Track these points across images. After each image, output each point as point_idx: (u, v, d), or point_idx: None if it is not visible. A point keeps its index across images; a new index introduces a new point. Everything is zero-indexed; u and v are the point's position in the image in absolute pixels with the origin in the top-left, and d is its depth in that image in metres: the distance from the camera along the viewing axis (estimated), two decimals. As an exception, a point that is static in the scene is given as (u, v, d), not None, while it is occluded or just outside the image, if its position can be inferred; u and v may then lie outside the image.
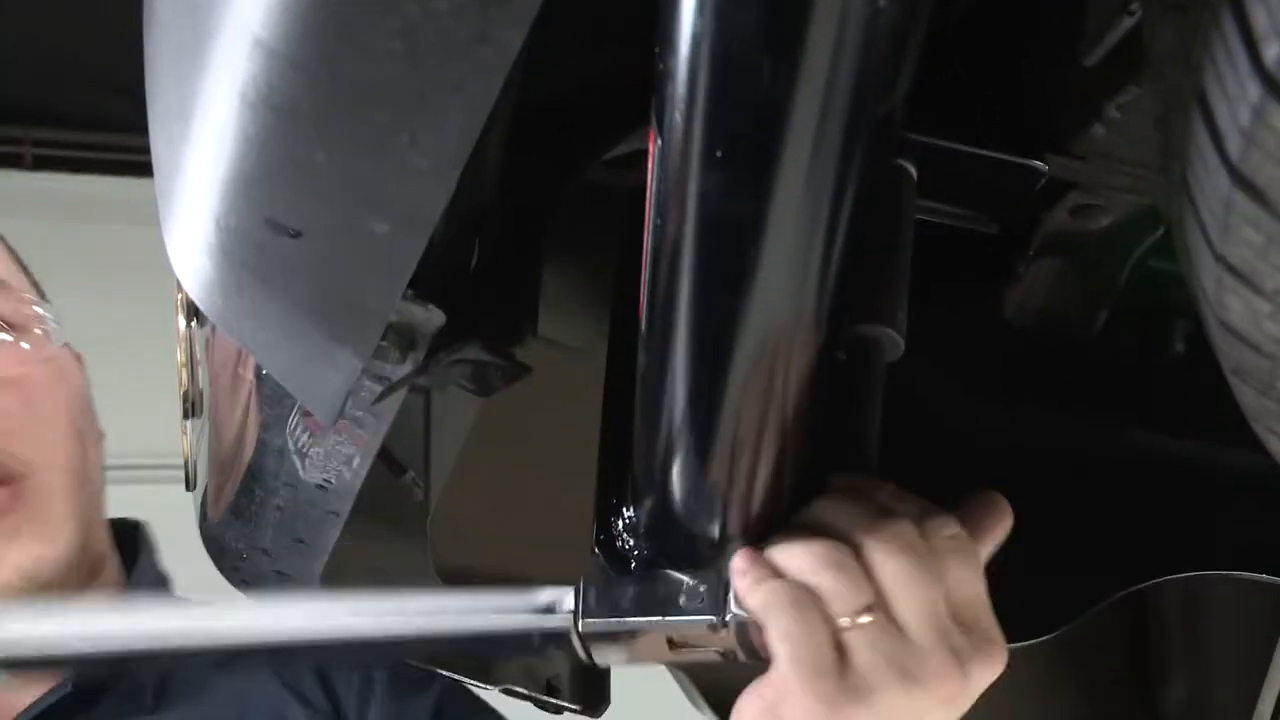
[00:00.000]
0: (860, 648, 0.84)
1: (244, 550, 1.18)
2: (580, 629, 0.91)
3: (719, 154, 0.66)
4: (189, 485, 1.27)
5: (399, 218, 0.72)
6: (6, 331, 1.35)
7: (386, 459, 1.12)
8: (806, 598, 0.85)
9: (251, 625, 0.96)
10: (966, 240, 1.03)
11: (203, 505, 1.25)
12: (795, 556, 0.86)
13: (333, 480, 1.02)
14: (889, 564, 0.85)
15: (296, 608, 0.96)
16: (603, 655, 0.93)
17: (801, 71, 0.61)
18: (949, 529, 0.87)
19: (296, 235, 0.75)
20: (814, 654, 0.84)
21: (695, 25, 0.61)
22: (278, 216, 0.75)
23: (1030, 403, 1.15)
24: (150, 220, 0.86)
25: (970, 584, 0.87)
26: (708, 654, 0.92)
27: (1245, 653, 1.47)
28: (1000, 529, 0.90)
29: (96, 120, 3.83)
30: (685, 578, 0.90)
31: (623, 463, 0.96)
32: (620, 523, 0.97)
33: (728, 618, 0.88)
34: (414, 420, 1.17)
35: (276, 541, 1.13)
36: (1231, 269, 0.62)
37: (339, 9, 0.63)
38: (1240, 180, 0.58)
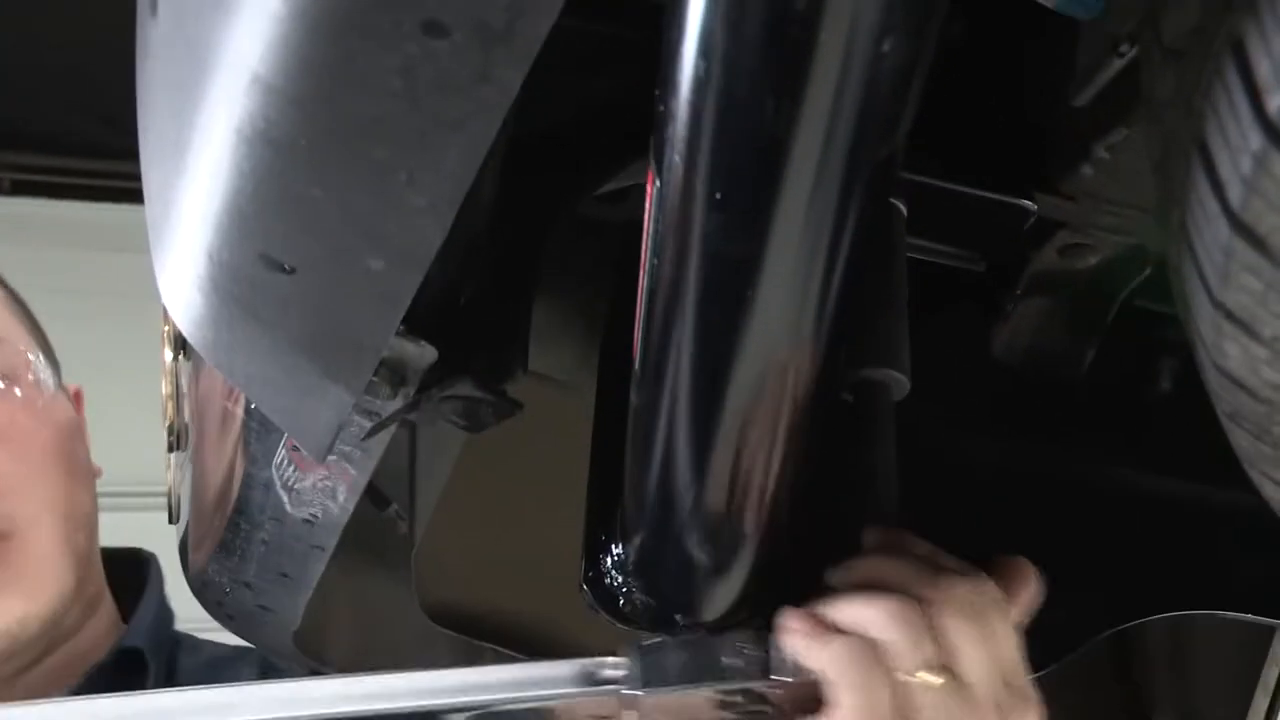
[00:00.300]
0: (928, 706, 0.86)
1: (228, 585, 1.17)
2: (625, 699, 0.90)
3: (718, 196, 0.66)
4: (172, 518, 1.26)
5: (394, 255, 0.72)
6: None
7: (371, 493, 1.12)
8: (875, 653, 0.86)
9: (312, 703, 0.93)
10: (955, 277, 1.03)
11: (184, 539, 1.24)
12: (861, 611, 0.87)
13: (319, 514, 1.01)
14: (958, 624, 0.86)
15: (355, 685, 0.93)
16: None
17: (804, 115, 0.61)
18: (992, 588, 0.88)
19: (290, 271, 0.75)
20: (882, 710, 0.85)
21: (698, 68, 0.61)
22: (272, 252, 0.74)
23: (1019, 439, 1.15)
24: (130, 246, 0.86)
25: (1011, 642, 0.89)
26: (754, 711, 0.92)
27: (1230, 684, 1.48)
28: (1029, 595, 0.92)
29: (75, 145, 3.82)
30: (729, 639, 0.90)
31: (612, 499, 0.96)
32: (609, 559, 0.97)
33: (776, 678, 0.88)
34: (399, 454, 1.16)
35: (261, 575, 1.12)
36: (1230, 315, 0.62)
37: (339, 46, 0.62)
38: (1241, 228, 0.58)
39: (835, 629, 0.87)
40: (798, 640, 0.88)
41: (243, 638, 1.32)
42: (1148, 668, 1.57)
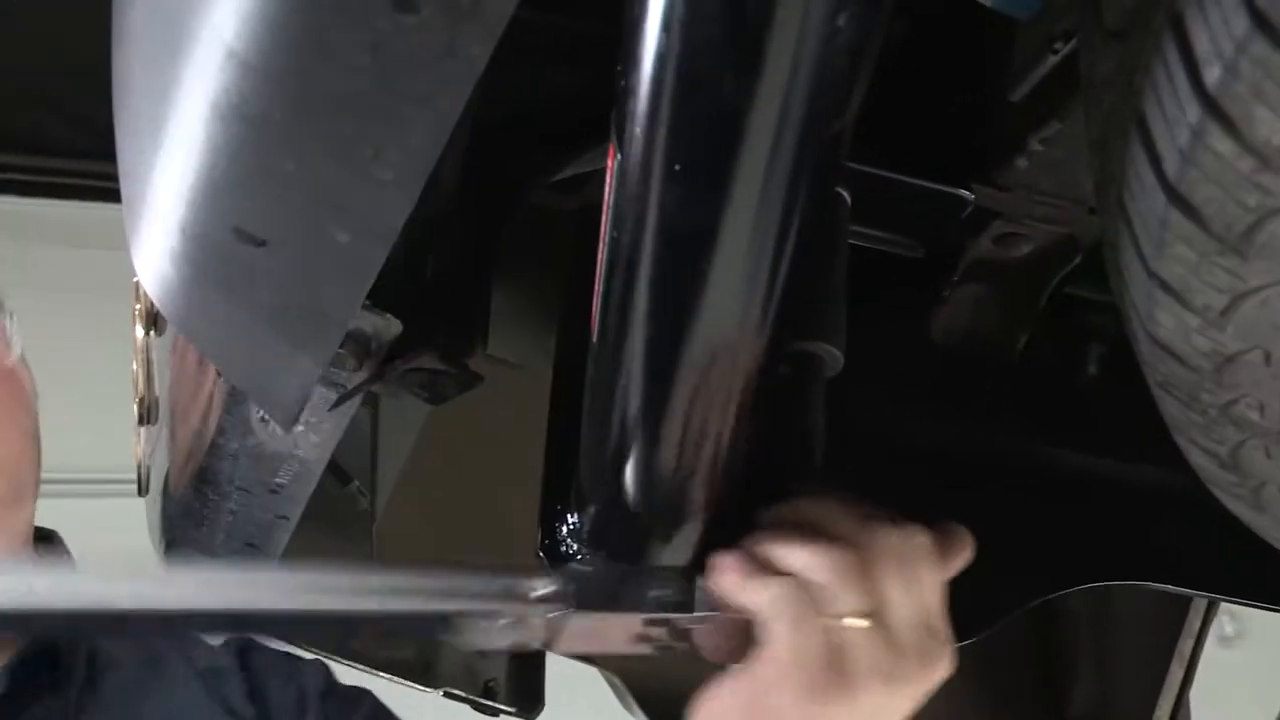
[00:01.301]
0: (856, 649, 0.85)
1: (196, 554, 1.16)
2: (553, 618, 0.87)
3: (677, 168, 0.65)
4: (141, 491, 1.24)
5: (361, 228, 0.71)
6: None
7: (334, 469, 1.11)
8: (810, 595, 0.85)
9: (223, 593, 0.86)
10: (896, 263, 1.04)
11: (155, 511, 1.22)
12: (798, 555, 0.86)
13: (285, 485, 1.00)
14: (887, 571, 0.86)
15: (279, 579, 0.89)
16: (567, 644, 0.90)
17: (761, 87, 0.61)
18: (923, 539, 0.88)
19: (261, 244, 0.74)
20: (817, 649, 0.84)
21: (659, 41, 0.61)
22: (244, 225, 0.73)
23: (955, 419, 1.16)
24: (92, 243, 0.84)
25: (936, 591, 0.89)
26: (670, 647, 0.90)
27: (1146, 658, 1.49)
28: (962, 557, 0.92)
29: (35, 143, 3.76)
30: (658, 574, 0.88)
31: (567, 472, 0.95)
32: (564, 528, 0.96)
33: (704, 613, 0.87)
34: (360, 430, 1.15)
35: (228, 545, 1.11)
36: (1164, 285, 0.62)
37: (311, 21, 0.62)
38: (1176, 199, 0.58)
39: (770, 571, 0.86)
40: (732, 579, 0.86)
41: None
42: (1068, 644, 1.59)
